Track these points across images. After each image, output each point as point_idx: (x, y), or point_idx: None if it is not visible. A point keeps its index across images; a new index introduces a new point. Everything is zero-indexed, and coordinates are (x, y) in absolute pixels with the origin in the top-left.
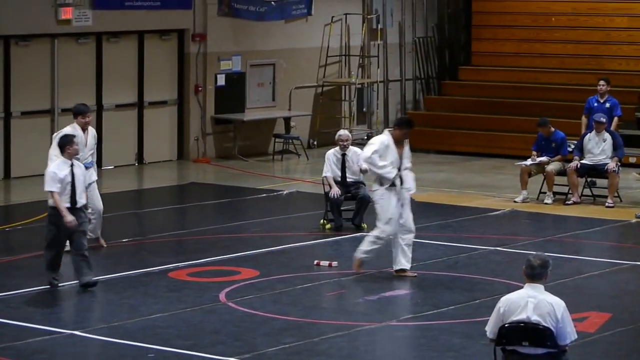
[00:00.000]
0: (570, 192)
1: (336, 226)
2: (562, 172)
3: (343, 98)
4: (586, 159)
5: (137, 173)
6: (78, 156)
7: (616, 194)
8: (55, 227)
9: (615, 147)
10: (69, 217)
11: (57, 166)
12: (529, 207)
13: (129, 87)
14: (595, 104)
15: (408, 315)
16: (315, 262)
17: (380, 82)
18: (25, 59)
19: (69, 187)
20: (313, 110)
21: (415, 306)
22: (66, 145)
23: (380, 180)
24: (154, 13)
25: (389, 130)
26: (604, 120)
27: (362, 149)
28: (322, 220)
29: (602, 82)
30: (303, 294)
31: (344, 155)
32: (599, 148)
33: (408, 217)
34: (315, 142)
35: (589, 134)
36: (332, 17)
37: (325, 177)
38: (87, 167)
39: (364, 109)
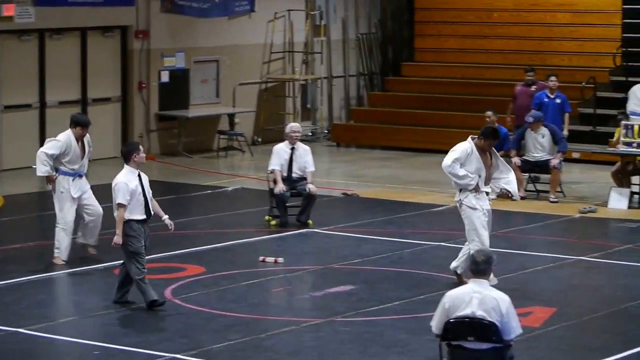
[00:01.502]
0: None
1: (281, 222)
2: None
3: (287, 94)
4: (527, 155)
5: None
6: (79, 166)
7: (559, 189)
8: (136, 239)
9: (556, 142)
10: (118, 239)
11: (125, 177)
12: None
13: (73, 84)
14: (546, 99)
15: (353, 311)
16: (261, 258)
17: (324, 78)
18: None
19: (141, 198)
20: (257, 107)
21: (360, 302)
22: (132, 153)
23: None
24: (96, 10)
25: (472, 138)
26: (532, 120)
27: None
28: (267, 217)
29: (553, 78)
30: (249, 291)
31: (292, 149)
32: (538, 144)
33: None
34: (259, 139)
35: (528, 130)
36: (275, 13)
37: (273, 170)
38: (80, 176)
39: (308, 105)
